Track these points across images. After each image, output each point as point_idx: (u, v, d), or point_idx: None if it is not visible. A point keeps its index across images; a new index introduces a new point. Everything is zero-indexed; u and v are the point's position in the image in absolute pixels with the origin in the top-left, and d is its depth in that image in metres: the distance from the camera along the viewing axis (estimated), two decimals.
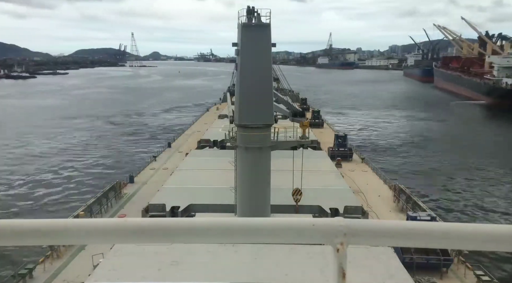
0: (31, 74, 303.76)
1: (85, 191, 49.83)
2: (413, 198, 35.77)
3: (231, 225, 1.91)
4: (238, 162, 27.96)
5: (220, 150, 52.35)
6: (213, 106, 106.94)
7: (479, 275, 24.93)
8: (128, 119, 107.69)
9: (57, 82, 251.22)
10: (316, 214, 31.96)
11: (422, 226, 1.92)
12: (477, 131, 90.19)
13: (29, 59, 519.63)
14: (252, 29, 26.16)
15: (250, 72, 26.28)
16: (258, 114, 26.64)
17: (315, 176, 37.05)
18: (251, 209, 27.35)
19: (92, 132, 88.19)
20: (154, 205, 32.52)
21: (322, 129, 75.50)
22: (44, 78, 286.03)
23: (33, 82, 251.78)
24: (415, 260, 25.42)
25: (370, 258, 18.67)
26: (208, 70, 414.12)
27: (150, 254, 19.23)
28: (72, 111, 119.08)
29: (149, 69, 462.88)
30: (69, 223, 1.91)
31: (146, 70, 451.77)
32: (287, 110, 31.60)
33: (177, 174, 41.54)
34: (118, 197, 38.80)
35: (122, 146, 75.05)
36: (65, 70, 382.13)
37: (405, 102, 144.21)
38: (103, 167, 60.90)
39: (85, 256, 26.63)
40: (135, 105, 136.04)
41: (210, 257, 18.76)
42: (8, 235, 1.85)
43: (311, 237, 1.91)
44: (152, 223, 1.91)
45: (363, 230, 1.90)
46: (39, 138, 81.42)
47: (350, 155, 53.90)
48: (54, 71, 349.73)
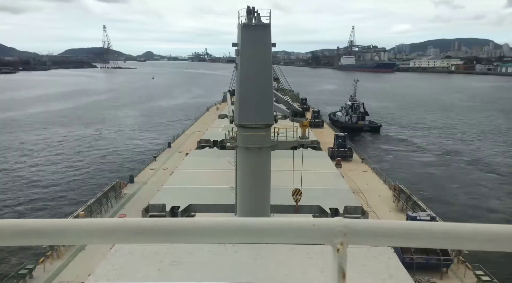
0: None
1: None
2: (413, 198, 35.77)
3: (231, 225, 1.91)
4: (238, 162, 27.95)
5: (220, 150, 52.39)
6: (213, 106, 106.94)
7: (479, 275, 24.95)
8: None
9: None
10: (316, 214, 31.98)
11: (422, 226, 1.92)
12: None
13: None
14: (252, 29, 26.14)
15: (250, 72, 26.27)
16: (258, 114, 26.63)
17: (315, 176, 37.06)
18: (251, 209, 27.35)
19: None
20: (154, 205, 32.52)
21: (322, 129, 75.59)
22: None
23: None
24: (415, 260, 25.43)
25: (370, 258, 18.65)
26: (198, 76, 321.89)
27: (150, 254, 19.23)
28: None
29: (121, 73, 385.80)
30: (69, 223, 1.91)
31: (115, 74, 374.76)
32: (287, 110, 31.59)
33: (177, 174, 41.54)
34: (118, 197, 38.80)
35: None
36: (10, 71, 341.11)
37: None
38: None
39: (85, 256, 26.65)
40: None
41: (210, 257, 18.75)
42: (8, 235, 1.85)
43: (311, 237, 1.91)
44: (152, 223, 1.91)
45: (363, 230, 1.90)
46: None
47: (350, 155, 53.93)
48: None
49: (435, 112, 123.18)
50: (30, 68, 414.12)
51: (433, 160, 66.80)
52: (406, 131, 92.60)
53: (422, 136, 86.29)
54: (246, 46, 26.11)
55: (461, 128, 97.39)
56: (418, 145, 78.34)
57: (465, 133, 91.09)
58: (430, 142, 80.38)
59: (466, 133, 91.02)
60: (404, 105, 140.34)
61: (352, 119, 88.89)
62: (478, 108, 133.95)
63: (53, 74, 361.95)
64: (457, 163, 64.89)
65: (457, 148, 75.91)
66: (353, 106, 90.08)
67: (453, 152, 72.67)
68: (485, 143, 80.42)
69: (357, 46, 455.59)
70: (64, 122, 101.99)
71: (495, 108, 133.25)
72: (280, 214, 29.88)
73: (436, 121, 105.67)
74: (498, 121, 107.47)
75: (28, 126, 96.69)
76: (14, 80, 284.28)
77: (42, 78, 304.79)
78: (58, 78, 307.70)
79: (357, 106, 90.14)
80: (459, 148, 75.93)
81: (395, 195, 38.19)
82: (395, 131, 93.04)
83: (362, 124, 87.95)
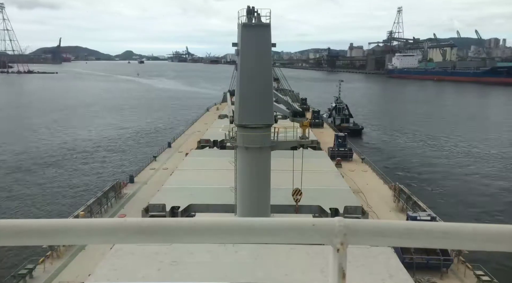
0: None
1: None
2: (413, 198, 35.76)
3: (231, 225, 1.91)
4: (238, 162, 27.96)
5: (220, 150, 52.38)
6: (213, 106, 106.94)
7: (479, 275, 24.94)
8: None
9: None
10: (316, 214, 31.98)
11: (422, 226, 1.92)
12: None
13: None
14: (252, 29, 26.15)
15: (250, 72, 26.28)
16: (258, 114, 26.64)
17: (315, 176, 37.05)
18: (251, 209, 27.35)
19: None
20: (154, 205, 32.52)
21: (322, 129, 75.59)
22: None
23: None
24: (415, 260, 25.42)
25: (370, 258, 18.66)
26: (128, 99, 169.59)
27: (150, 254, 19.22)
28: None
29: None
30: (69, 223, 1.91)
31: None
32: (287, 110, 31.59)
33: (177, 174, 41.53)
34: (118, 197, 38.80)
35: None
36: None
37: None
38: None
39: (85, 256, 26.65)
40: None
41: (210, 257, 18.75)
42: (8, 235, 1.85)
43: (311, 237, 1.91)
44: (152, 223, 1.91)
45: (363, 230, 1.90)
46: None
47: (350, 155, 53.92)
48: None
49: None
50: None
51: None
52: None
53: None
54: (246, 46, 26.11)
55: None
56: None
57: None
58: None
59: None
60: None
61: (335, 121, 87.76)
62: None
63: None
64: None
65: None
66: (337, 108, 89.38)
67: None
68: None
69: (399, 40, 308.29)
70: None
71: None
72: (280, 214, 29.88)
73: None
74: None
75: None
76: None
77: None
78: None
79: (341, 108, 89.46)
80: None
81: (395, 195, 38.20)
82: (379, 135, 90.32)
83: (345, 126, 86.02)
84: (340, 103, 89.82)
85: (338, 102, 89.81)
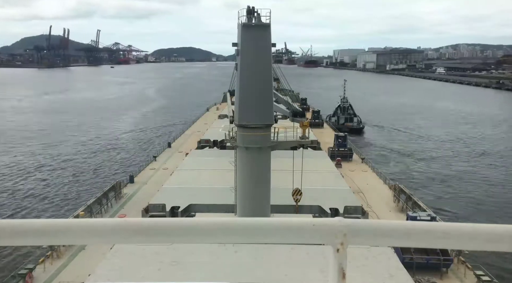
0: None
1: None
2: (413, 198, 35.76)
3: (231, 225, 1.91)
4: (238, 162, 27.95)
5: (220, 150, 52.34)
6: (213, 106, 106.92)
7: (479, 275, 24.93)
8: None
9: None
10: (316, 214, 31.96)
11: (422, 226, 1.92)
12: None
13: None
14: (252, 29, 26.16)
15: (250, 72, 26.28)
16: (258, 114, 26.63)
17: (315, 176, 37.05)
18: (251, 209, 27.34)
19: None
20: (154, 205, 32.52)
21: (322, 129, 75.57)
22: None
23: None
24: (415, 260, 25.43)
25: (370, 258, 18.67)
26: None
27: (150, 254, 19.23)
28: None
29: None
30: (69, 223, 1.91)
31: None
32: (287, 110, 31.59)
33: (177, 174, 41.53)
34: (118, 197, 38.80)
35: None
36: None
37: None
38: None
39: (85, 256, 26.64)
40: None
41: (210, 257, 18.76)
42: (8, 235, 1.85)
43: (311, 237, 1.91)
44: (152, 223, 1.91)
45: (363, 230, 1.90)
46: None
47: (350, 155, 53.90)
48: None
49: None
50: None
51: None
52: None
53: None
54: (246, 46, 26.12)
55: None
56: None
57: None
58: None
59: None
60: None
61: (340, 120, 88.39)
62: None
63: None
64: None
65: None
66: (341, 107, 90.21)
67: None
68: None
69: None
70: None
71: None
72: (280, 214, 29.86)
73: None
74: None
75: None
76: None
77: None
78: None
79: (346, 107, 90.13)
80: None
81: (395, 195, 38.19)
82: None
83: (350, 125, 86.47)
84: (345, 102, 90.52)
85: (342, 102, 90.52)
